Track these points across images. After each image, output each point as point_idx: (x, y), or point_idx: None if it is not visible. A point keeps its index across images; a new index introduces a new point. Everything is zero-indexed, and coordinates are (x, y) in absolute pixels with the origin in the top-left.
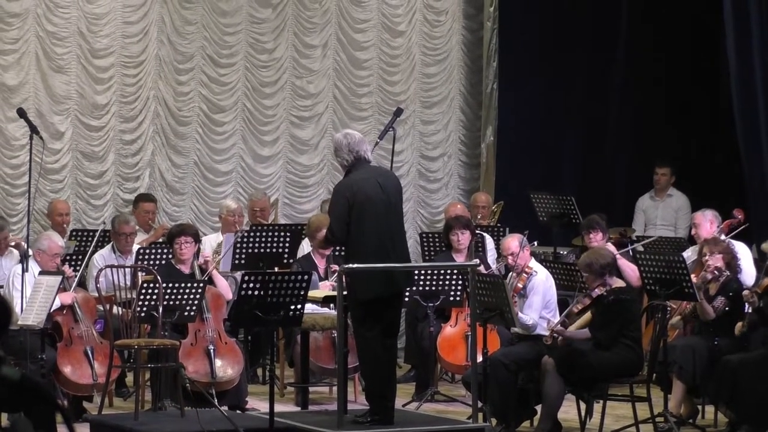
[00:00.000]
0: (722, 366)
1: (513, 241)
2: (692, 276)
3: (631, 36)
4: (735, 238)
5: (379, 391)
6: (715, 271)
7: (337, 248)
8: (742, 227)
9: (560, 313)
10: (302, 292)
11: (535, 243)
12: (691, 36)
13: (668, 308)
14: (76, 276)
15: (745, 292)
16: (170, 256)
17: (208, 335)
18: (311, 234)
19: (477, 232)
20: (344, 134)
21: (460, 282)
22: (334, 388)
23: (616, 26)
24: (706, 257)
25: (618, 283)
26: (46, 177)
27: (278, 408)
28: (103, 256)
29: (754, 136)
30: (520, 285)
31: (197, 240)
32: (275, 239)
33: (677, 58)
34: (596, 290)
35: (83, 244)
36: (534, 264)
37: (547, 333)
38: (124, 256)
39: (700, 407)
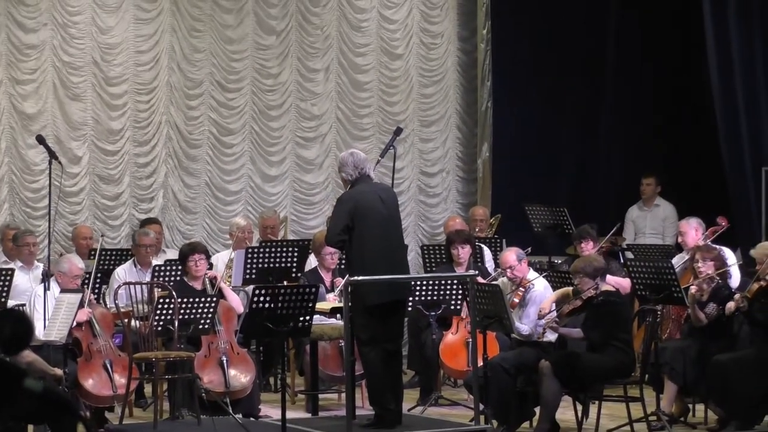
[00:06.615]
0: (713, 366)
1: (510, 255)
2: (690, 283)
3: (620, 54)
4: (719, 242)
5: (381, 399)
6: (708, 278)
7: (342, 263)
8: (723, 229)
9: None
10: (310, 304)
11: (529, 249)
12: (680, 52)
13: (658, 312)
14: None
15: (736, 296)
16: (181, 273)
17: (221, 347)
18: (317, 249)
19: (476, 244)
20: (350, 153)
21: (460, 291)
22: (343, 395)
23: (604, 44)
24: (699, 264)
25: (608, 287)
26: (65, 200)
27: (290, 415)
28: (124, 271)
29: (736, 149)
30: (516, 300)
31: (208, 256)
32: (283, 254)
33: (664, 75)
34: (588, 292)
35: (104, 262)
36: (532, 275)
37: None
38: (144, 269)
39: (690, 406)
